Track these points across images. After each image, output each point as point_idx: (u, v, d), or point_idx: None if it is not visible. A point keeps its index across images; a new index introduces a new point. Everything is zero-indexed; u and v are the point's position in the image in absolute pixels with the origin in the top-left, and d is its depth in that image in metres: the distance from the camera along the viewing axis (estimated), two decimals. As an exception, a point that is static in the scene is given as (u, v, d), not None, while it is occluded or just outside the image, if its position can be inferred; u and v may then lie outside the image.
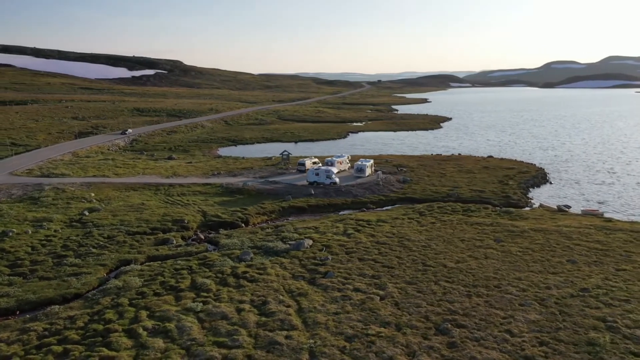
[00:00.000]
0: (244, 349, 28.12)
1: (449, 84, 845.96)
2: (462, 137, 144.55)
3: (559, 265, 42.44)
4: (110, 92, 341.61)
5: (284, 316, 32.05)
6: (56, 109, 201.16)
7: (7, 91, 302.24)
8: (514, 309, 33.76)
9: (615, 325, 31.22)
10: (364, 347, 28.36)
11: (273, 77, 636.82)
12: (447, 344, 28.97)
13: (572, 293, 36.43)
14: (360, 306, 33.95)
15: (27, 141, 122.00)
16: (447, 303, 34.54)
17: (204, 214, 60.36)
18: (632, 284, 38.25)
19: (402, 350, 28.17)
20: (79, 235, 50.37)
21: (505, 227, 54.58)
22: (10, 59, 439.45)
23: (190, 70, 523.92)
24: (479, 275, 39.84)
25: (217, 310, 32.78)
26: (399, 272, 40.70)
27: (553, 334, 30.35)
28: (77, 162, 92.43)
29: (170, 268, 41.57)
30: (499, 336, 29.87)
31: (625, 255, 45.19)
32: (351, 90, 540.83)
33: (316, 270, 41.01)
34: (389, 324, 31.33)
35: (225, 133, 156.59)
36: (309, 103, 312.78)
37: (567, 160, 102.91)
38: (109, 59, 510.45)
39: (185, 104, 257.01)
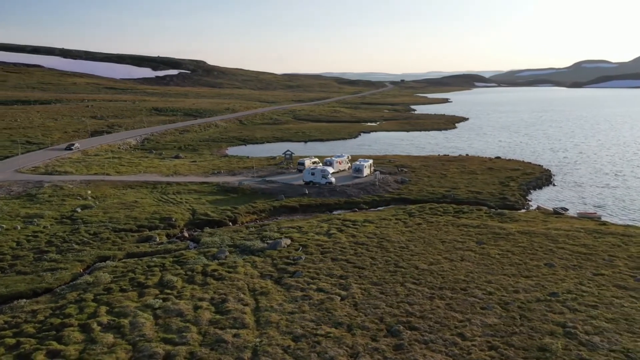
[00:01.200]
0: (189, 346, 28.41)
1: (474, 84, 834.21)
2: (473, 138, 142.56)
3: (534, 269, 41.58)
4: (133, 92, 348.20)
5: (238, 314, 32.26)
6: (77, 109, 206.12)
7: (34, 91, 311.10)
8: (474, 312, 33.24)
9: (573, 332, 30.46)
10: (308, 347, 28.35)
11: (295, 77, 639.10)
12: (394, 346, 28.71)
13: (539, 297, 35.67)
14: (317, 306, 33.91)
15: (42, 139, 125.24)
16: (407, 305, 34.22)
17: (193, 213, 61.09)
18: (606, 289, 37.25)
19: (345, 351, 28.05)
20: (66, 232, 51.59)
21: (492, 229, 53.71)
22: (39, 60, 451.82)
23: (213, 70, 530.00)
24: (449, 278, 39.33)
25: (174, 308, 33.19)
26: (368, 272, 40.48)
27: (506, 338, 29.79)
28: (83, 160, 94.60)
29: (144, 265, 42.23)
30: (449, 340, 29.46)
31: (607, 260, 44.00)
32: (372, 90, 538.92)
33: (285, 270, 41.12)
34: (341, 325, 31.23)
35: (237, 132, 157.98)
36: (327, 103, 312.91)
37: (576, 162, 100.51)
38: (134, 59, 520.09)
39: (204, 103, 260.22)
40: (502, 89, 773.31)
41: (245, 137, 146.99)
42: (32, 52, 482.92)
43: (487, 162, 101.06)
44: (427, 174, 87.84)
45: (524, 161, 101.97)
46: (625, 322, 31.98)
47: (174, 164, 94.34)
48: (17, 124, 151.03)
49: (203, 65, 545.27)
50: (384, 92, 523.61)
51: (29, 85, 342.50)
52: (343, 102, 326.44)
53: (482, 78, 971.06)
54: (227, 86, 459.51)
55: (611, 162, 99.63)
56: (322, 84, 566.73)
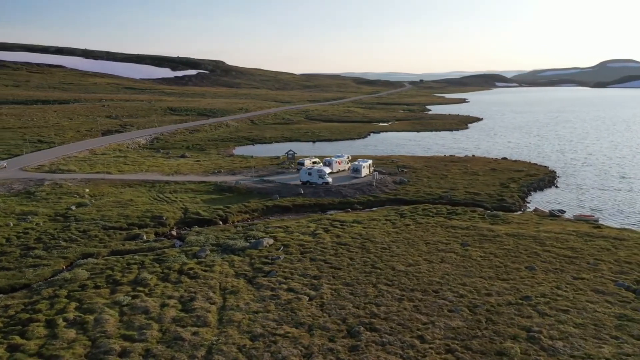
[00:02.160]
0: (147, 343, 28.76)
1: (494, 84, 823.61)
2: (482, 139, 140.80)
3: (514, 272, 40.96)
4: (152, 91, 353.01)
5: (202, 313, 32.52)
6: (93, 108, 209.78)
7: (55, 91, 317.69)
8: (440, 315, 32.90)
9: (537, 336, 29.93)
10: (263, 347, 28.43)
11: (313, 77, 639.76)
12: (350, 347, 28.61)
13: (510, 301, 35.12)
14: (283, 306, 33.97)
15: (55, 138, 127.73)
16: (374, 306, 34.03)
17: (185, 211, 61.69)
18: (582, 294, 36.50)
19: (299, 351, 28.06)
20: (56, 229, 52.62)
21: (480, 231, 53.05)
22: (61, 60, 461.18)
23: (232, 70, 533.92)
24: (424, 280, 38.99)
25: (141, 305, 33.60)
26: (343, 273, 40.38)
27: (466, 342, 29.42)
28: (89, 159, 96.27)
29: (124, 263, 42.83)
30: (407, 342, 29.23)
31: (592, 264, 43.09)
32: (390, 90, 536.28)
33: (261, 269, 41.26)
34: (302, 325, 31.23)
35: (247, 132, 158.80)
36: (342, 103, 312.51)
37: (583, 164, 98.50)
38: (154, 59, 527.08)
39: (219, 103, 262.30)
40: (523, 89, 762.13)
41: (254, 137, 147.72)
42: (55, 52, 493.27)
43: (492, 163, 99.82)
44: (427, 174, 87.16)
45: (530, 162, 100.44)
46: (594, 327, 31.33)
47: (177, 163, 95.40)
48: (32, 123, 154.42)
49: (222, 65, 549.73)
50: (401, 92, 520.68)
51: (51, 85, 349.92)
52: (358, 102, 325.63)
53: (503, 78, 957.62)
54: (244, 86, 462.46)
55: (619, 165, 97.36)
56: (339, 84, 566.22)
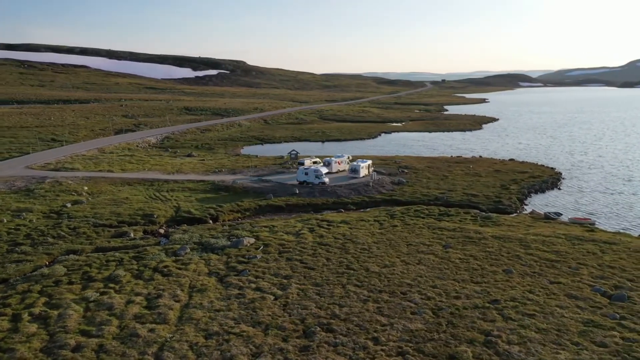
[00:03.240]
0: (103, 338, 29.24)
1: (518, 84, 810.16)
2: (493, 139, 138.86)
3: (489, 275, 40.37)
4: (172, 91, 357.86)
5: (165, 310, 32.92)
6: (111, 108, 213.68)
7: (78, 90, 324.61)
8: (402, 317, 32.63)
9: (494, 340, 29.46)
10: (215, 345, 28.64)
11: (333, 77, 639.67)
12: (301, 348, 28.61)
13: (477, 304, 34.62)
14: (246, 305, 34.15)
15: (68, 137, 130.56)
16: (337, 307, 33.95)
17: (177, 210, 62.42)
18: (554, 298, 35.77)
19: (249, 350, 28.18)
20: (48, 226, 53.84)
21: (467, 233, 52.41)
22: (86, 61, 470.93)
23: (252, 70, 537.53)
24: (395, 281, 38.72)
25: (108, 301, 34.18)
26: (316, 273, 40.37)
27: (420, 344, 29.12)
28: (96, 158, 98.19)
29: (103, 260, 43.57)
30: (360, 343, 29.08)
31: (573, 268, 42.18)
32: (410, 90, 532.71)
33: (234, 268, 41.54)
34: (259, 324, 31.35)
35: (258, 132, 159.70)
36: (359, 103, 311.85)
37: (590, 166, 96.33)
38: (176, 59, 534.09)
39: (235, 103, 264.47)
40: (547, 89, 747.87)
41: (264, 137, 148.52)
42: (80, 53, 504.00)
43: (497, 164, 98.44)
44: (428, 175, 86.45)
45: (537, 164, 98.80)
46: (556, 332, 30.68)
47: (180, 162, 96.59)
48: (50, 122, 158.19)
49: (242, 65, 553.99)
50: (421, 92, 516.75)
51: (75, 85, 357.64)
52: (376, 102, 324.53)
53: (528, 78, 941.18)
54: (264, 86, 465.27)
55: (628, 167, 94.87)
56: (359, 84, 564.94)
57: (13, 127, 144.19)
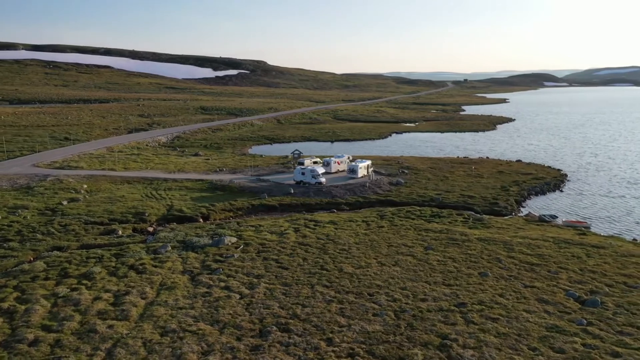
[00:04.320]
0: (61, 333, 29.87)
1: (543, 84, 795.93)
2: (503, 140, 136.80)
3: (463, 278, 39.86)
4: (191, 91, 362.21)
5: (129, 307, 33.42)
6: (128, 107, 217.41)
7: (100, 90, 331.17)
8: (362, 318, 32.48)
9: (450, 344, 29.11)
10: (168, 343, 28.97)
11: (353, 77, 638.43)
12: (252, 347, 28.74)
13: (442, 307, 34.23)
14: (211, 303, 34.43)
15: (81, 136, 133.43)
16: (300, 307, 33.99)
17: (169, 208, 63.17)
18: (523, 303, 35.15)
19: (200, 348, 28.43)
20: (40, 223, 55.12)
21: (453, 234, 51.81)
22: (109, 61, 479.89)
23: (272, 70, 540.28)
24: (365, 283, 38.55)
25: (76, 297, 34.87)
26: (288, 273, 40.45)
27: (374, 346, 28.93)
28: (102, 156, 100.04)
29: (84, 256, 44.41)
30: (313, 344, 29.07)
31: (552, 272, 41.38)
32: (430, 90, 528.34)
33: (209, 267, 41.90)
34: (218, 323, 31.59)
35: (269, 132, 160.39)
36: (376, 103, 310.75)
37: (597, 168, 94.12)
38: (197, 60, 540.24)
39: (251, 103, 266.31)
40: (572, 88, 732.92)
41: (274, 136, 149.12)
42: (104, 53, 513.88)
43: (502, 165, 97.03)
44: (429, 176, 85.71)
45: (544, 165, 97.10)
46: (516, 337, 30.16)
47: (184, 162, 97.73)
48: (66, 121, 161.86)
49: (263, 65, 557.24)
50: (441, 92, 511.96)
51: (97, 85, 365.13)
52: (393, 102, 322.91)
53: (553, 77, 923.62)
54: (283, 86, 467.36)
55: (637, 170, 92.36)
56: (379, 84, 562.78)
57: (30, 126, 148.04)
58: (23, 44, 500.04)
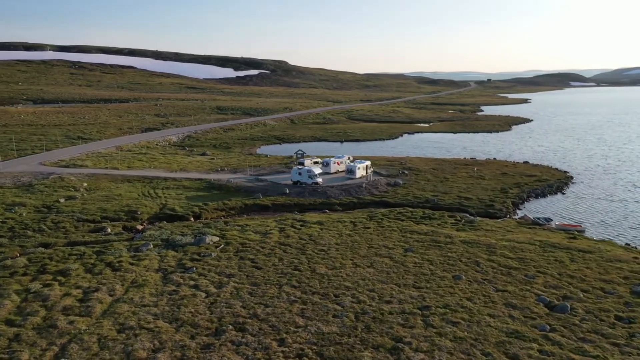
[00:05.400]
0: (22, 328, 30.64)
1: (569, 83, 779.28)
2: (514, 141, 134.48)
3: (435, 281, 39.43)
4: (211, 91, 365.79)
5: (94, 303, 34.07)
6: (145, 107, 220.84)
7: (123, 90, 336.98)
8: (321, 319, 32.44)
9: (402, 347, 28.89)
10: (122, 339, 29.46)
11: (375, 77, 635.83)
12: (204, 345, 29.00)
13: (405, 309, 33.96)
14: (175, 302, 34.85)
15: (95, 135, 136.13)
16: (262, 307, 34.14)
17: (162, 207, 64.05)
18: (490, 307, 34.62)
19: (152, 345, 28.82)
20: (34, 220, 56.54)
21: (437, 236, 51.29)
22: (133, 61, 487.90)
23: (292, 70, 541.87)
24: (334, 284, 38.48)
25: (47, 293, 35.71)
26: (260, 273, 40.66)
27: (325, 347, 28.90)
28: (109, 155, 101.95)
29: (67, 253, 45.39)
30: (264, 344, 29.18)
31: (529, 276, 40.64)
32: (451, 90, 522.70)
33: (184, 265, 42.40)
34: (177, 321, 31.97)
35: (281, 132, 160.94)
36: (394, 103, 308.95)
37: (605, 171, 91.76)
38: (219, 60, 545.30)
39: (268, 102, 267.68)
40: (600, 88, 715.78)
41: (284, 136, 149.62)
42: (129, 54, 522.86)
43: (508, 166, 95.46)
44: (429, 177, 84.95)
45: (551, 167, 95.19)
46: (472, 342, 29.75)
47: (188, 161, 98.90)
48: (83, 120, 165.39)
49: (283, 65, 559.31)
50: (462, 92, 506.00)
51: (120, 85, 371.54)
52: (411, 102, 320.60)
53: (580, 77, 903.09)
54: (303, 86, 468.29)
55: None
56: (400, 84, 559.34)
57: (47, 125, 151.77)
58: (50, 45, 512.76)
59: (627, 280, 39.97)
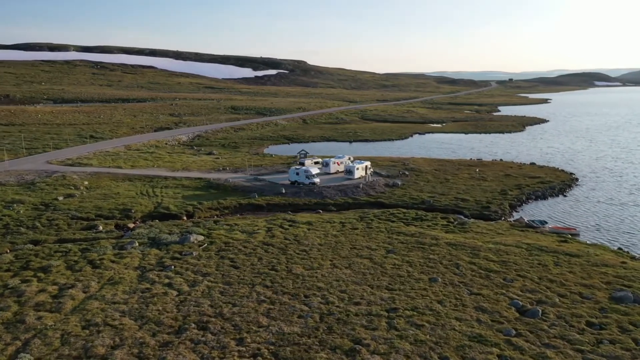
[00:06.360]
0: (-8, 323, 31.46)
1: (593, 83, 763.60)
2: (524, 142, 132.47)
3: (410, 283, 39.14)
4: (228, 91, 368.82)
5: (66, 300, 34.76)
6: (161, 107, 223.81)
7: (142, 90, 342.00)
8: (285, 319, 32.51)
9: (359, 349, 28.78)
10: (85, 335, 29.98)
11: (394, 77, 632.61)
12: (163, 343, 29.32)
13: (372, 311, 33.80)
14: (146, 299, 35.31)
15: (107, 134, 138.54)
16: (230, 306, 34.38)
17: (157, 206, 64.88)
18: (459, 310, 34.22)
19: (112, 342, 29.26)
20: (30, 217, 57.86)
21: (423, 238, 50.88)
22: (154, 61, 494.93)
23: (311, 70, 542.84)
24: (307, 284, 38.50)
25: (23, 289, 36.54)
26: (236, 272, 40.93)
27: (281, 348, 28.95)
28: (116, 154, 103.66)
29: (53, 250, 46.38)
30: (223, 343, 29.37)
31: (507, 280, 40.07)
32: (471, 90, 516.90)
33: (163, 264, 42.91)
34: (142, 318, 32.40)
35: (291, 131, 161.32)
36: (410, 103, 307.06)
37: (612, 173, 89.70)
38: (238, 60, 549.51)
39: (282, 102, 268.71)
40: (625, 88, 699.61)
41: (294, 136, 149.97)
42: (150, 54, 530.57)
43: (513, 168, 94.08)
44: (429, 178, 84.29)
45: (557, 169, 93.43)
46: (432, 345, 29.48)
47: (192, 160, 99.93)
48: (98, 120, 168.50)
49: (302, 65, 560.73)
50: (482, 92, 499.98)
51: (140, 85, 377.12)
52: (428, 102, 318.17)
53: (606, 77, 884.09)
54: (321, 85, 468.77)
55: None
56: (419, 84, 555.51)
57: (62, 124, 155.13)
58: (74, 46, 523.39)
59: (609, 286, 39.09)
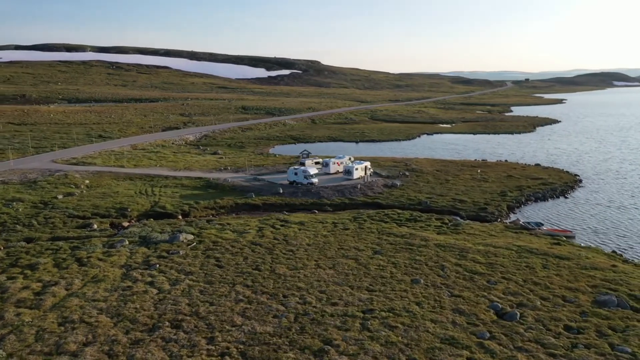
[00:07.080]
0: (-29, 319, 32.08)
1: (612, 83, 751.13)
2: (531, 143, 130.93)
3: (391, 284, 38.97)
4: (241, 91, 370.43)
5: (47, 297, 35.30)
6: (172, 106, 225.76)
7: (156, 90, 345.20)
8: (260, 319, 32.61)
9: (327, 349, 28.77)
10: (59, 332, 30.41)
11: (407, 77, 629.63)
12: (134, 341, 29.61)
13: (348, 312, 33.73)
14: (125, 297, 35.69)
15: (116, 134, 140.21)
16: (207, 304, 34.61)
17: (154, 205, 65.52)
18: (435, 312, 33.99)
19: (84, 339, 29.63)
20: (28, 215, 58.83)
21: (413, 239, 50.61)
22: (168, 62, 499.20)
23: (324, 70, 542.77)
24: (288, 285, 38.57)
25: (7, 286, 37.18)
26: (220, 272, 41.16)
27: (250, 347, 29.06)
28: (121, 154, 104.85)
29: (44, 247, 47.12)
30: (194, 341, 29.55)
31: (491, 282, 39.67)
32: (485, 90, 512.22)
33: (149, 262, 43.32)
34: (118, 316, 32.76)
35: (299, 131, 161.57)
36: (421, 103, 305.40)
37: (617, 175, 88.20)
38: (252, 60, 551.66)
39: (293, 102, 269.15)
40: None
41: (300, 136, 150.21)
42: (164, 54, 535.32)
43: (516, 169, 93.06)
44: (429, 178, 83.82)
45: (561, 170, 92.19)
46: (402, 347, 29.33)
47: (195, 160, 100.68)
48: (108, 119, 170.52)
49: (316, 65, 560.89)
50: (497, 92, 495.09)
51: (154, 85, 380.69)
52: (440, 102, 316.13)
53: (625, 77, 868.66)
54: (334, 85, 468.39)
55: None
56: (433, 84, 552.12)
57: (73, 123, 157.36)
58: (90, 46, 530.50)
59: (594, 289, 38.49)
